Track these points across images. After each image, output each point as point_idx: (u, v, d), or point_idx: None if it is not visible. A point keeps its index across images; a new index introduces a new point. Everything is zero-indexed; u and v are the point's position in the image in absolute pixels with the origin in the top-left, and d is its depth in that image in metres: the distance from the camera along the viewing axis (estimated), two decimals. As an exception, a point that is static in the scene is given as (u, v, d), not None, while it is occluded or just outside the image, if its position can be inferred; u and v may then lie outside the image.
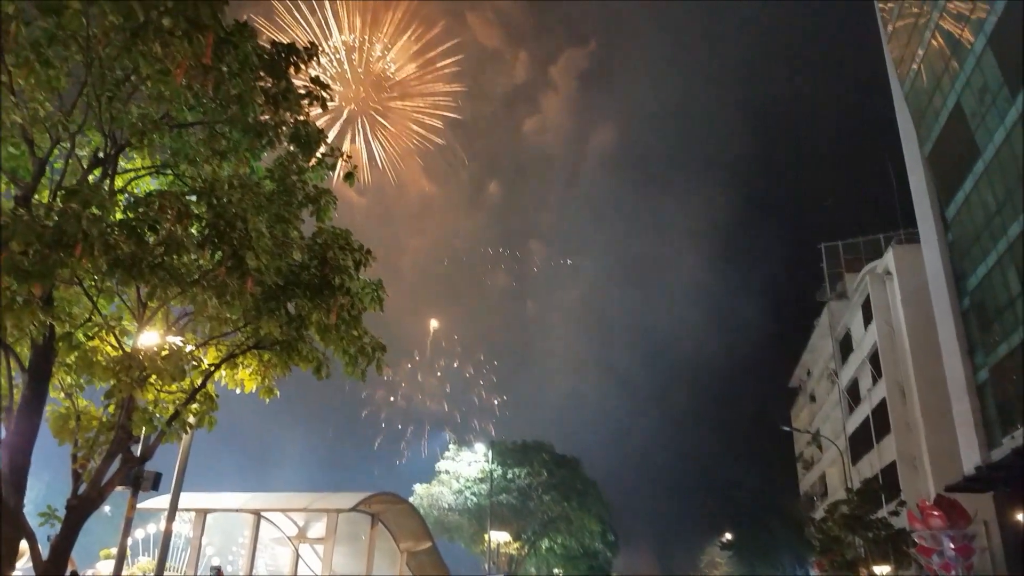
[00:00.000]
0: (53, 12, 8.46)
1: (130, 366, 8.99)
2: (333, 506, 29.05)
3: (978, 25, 30.38)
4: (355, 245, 10.55)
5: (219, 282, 8.94)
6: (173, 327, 10.89)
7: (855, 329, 53.25)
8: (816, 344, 66.32)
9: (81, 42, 9.00)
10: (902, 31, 39.64)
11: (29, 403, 9.16)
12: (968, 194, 33.13)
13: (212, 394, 10.90)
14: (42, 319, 8.66)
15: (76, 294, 10.01)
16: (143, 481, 14.62)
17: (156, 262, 8.51)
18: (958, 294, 35.78)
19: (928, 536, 31.17)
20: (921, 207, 39.59)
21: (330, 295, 10.04)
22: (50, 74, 9.03)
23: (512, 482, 55.15)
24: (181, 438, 11.16)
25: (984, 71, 30.53)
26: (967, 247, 34.26)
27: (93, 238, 7.80)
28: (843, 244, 61.87)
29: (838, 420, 58.60)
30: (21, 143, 9.63)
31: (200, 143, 10.59)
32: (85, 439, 10.10)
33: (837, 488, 54.64)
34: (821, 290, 63.31)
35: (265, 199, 10.02)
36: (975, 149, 31.85)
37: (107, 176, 10.15)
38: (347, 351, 10.52)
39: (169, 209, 8.60)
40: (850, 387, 55.12)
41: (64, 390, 10.45)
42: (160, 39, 8.77)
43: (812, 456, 69.57)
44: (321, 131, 11.22)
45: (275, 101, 10.49)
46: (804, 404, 74.21)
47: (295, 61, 10.77)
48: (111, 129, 9.93)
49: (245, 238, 8.93)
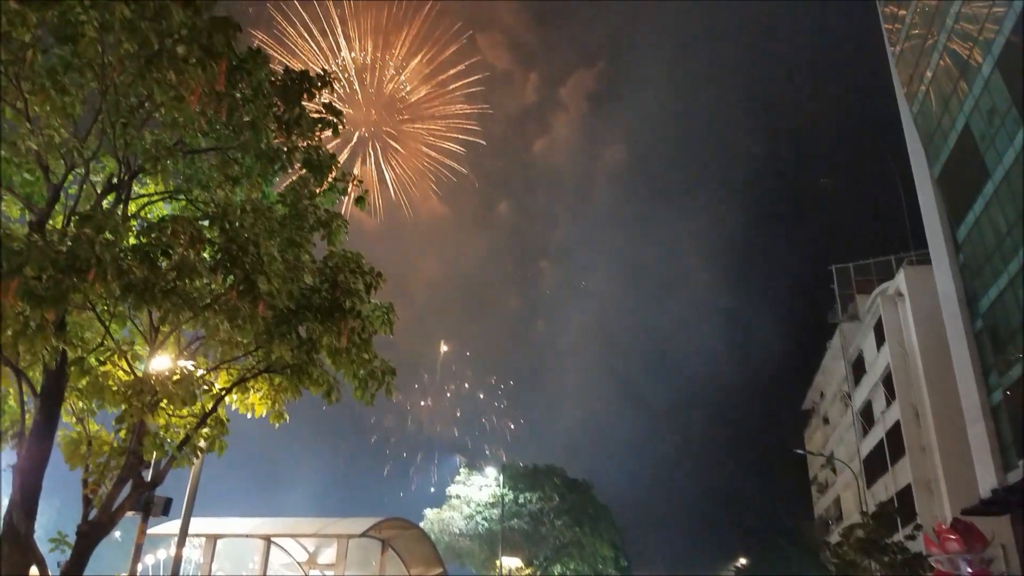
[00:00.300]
0: (69, 40, 8.60)
1: (141, 391, 9.00)
2: (343, 531, 28.87)
3: (986, 47, 30.44)
4: (366, 268, 10.58)
5: (231, 306, 8.98)
6: (185, 351, 10.93)
7: (868, 351, 52.89)
8: (829, 366, 65.85)
9: (96, 69, 9.14)
10: (909, 53, 39.75)
11: (41, 428, 9.18)
12: (978, 216, 33.01)
13: (223, 418, 10.90)
14: (55, 344, 8.70)
15: (89, 319, 10.07)
16: (153, 506, 14.59)
17: (168, 287, 8.55)
18: (971, 316, 35.53)
19: (945, 560, 30.74)
20: (932, 228, 39.45)
21: (341, 318, 10.06)
22: (66, 101, 9.17)
23: (523, 507, 54.76)
24: (192, 463, 11.14)
25: (992, 93, 30.54)
26: (979, 268, 34.07)
27: (106, 263, 7.85)
28: (854, 265, 61.60)
29: (852, 443, 58.02)
30: (36, 169, 9.74)
31: (213, 168, 10.69)
32: (96, 464, 10.10)
33: (852, 512, 53.99)
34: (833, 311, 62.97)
35: (277, 223, 10.08)
36: (985, 171, 31.78)
37: (121, 201, 10.25)
38: (357, 375, 10.52)
39: (182, 234, 8.66)
40: (864, 409, 54.63)
41: (76, 415, 10.47)
42: (174, 66, 8.88)
43: (826, 479, 68.81)
44: (333, 156, 11.31)
45: (288, 127, 10.60)
46: (817, 426, 73.55)
47: (308, 88, 10.89)
48: (125, 155, 10.05)
49: (257, 262, 8.98)
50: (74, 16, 8.39)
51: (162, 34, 8.85)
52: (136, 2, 8.70)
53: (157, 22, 8.78)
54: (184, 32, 8.96)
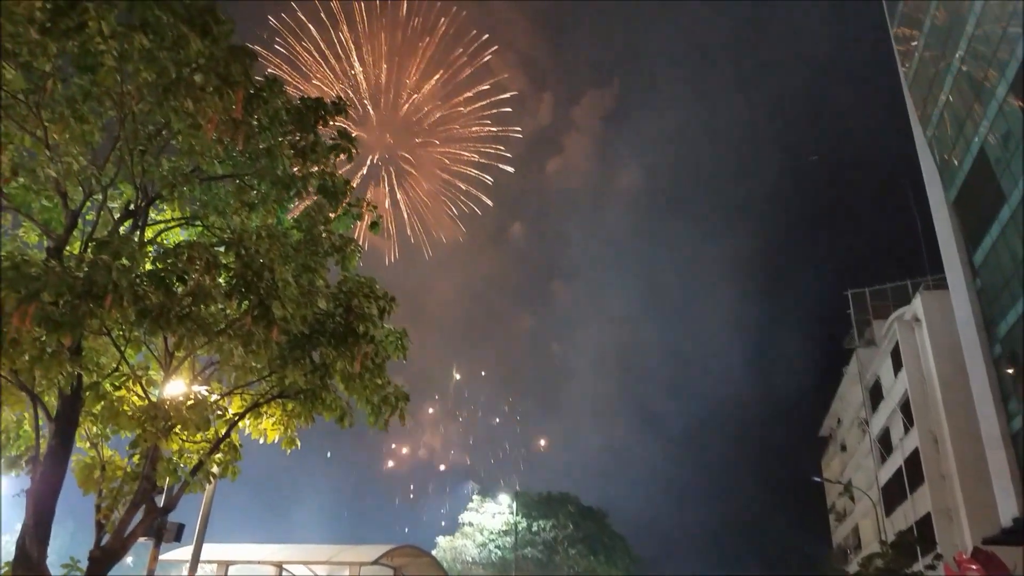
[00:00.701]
0: (89, 70, 8.76)
1: (156, 416, 9.03)
2: (355, 559, 28.67)
3: (1000, 70, 30.40)
4: (379, 293, 10.61)
5: (245, 331, 9.01)
6: (199, 376, 10.97)
7: (885, 377, 52.35)
8: (846, 392, 65.23)
9: (115, 98, 9.29)
10: (923, 76, 39.75)
11: (55, 452, 9.21)
12: (995, 240, 32.77)
13: (236, 444, 10.90)
14: (70, 369, 8.75)
15: (104, 344, 10.13)
16: (166, 532, 14.54)
17: (184, 312, 8.60)
18: (989, 341, 35.15)
19: (966, 591, 30.18)
20: (948, 253, 39.19)
21: (354, 343, 10.07)
22: (84, 129, 9.32)
23: (537, 535, 54.25)
24: (204, 488, 11.13)
25: (1007, 117, 30.43)
26: (996, 293, 33.76)
27: (123, 289, 7.92)
28: (870, 290, 61.17)
29: (870, 470, 57.26)
30: (54, 196, 9.87)
31: (229, 195, 10.80)
32: (109, 489, 10.12)
33: (871, 540, 53.17)
34: (849, 337, 62.47)
35: (292, 249, 10.15)
36: (1001, 195, 31.60)
37: (137, 227, 10.36)
38: (370, 400, 10.51)
39: (198, 260, 8.73)
40: (881, 436, 53.97)
41: (90, 440, 10.51)
42: (192, 95, 9.02)
43: (844, 507, 67.83)
44: (347, 181, 11.40)
45: (303, 154, 10.70)
46: (835, 453, 72.69)
47: (323, 115, 11.01)
48: (142, 182, 10.18)
49: (272, 288, 9.03)
50: (94, 46, 8.55)
51: (180, 63, 8.99)
52: (155, 32, 8.85)
53: (175, 51, 8.93)
54: (201, 61, 9.11)
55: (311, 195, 11.23)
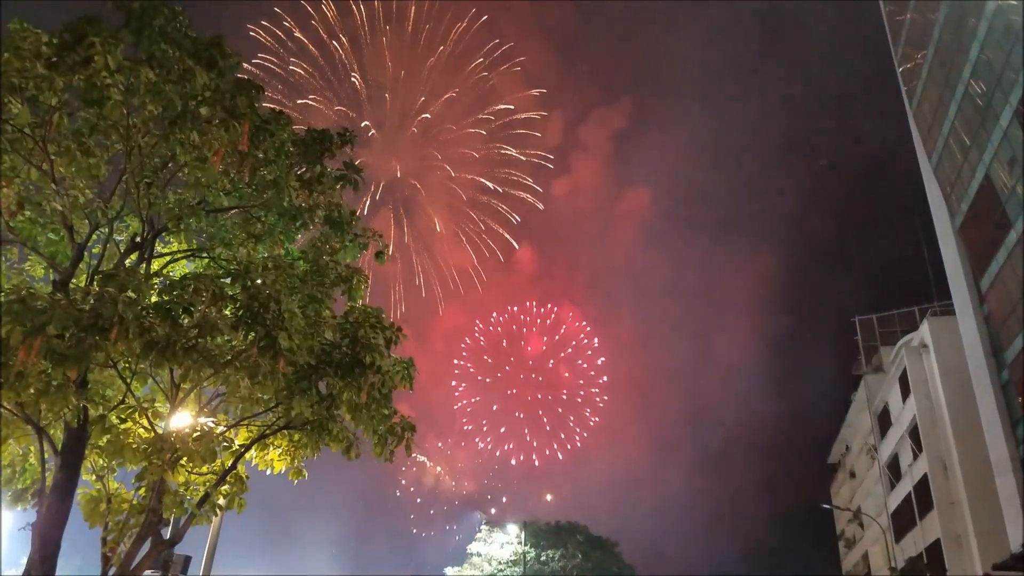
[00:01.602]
0: (95, 103, 8.81)
1: (162, 448, 8.99)
2: (362, 589, 28.42)
3: (1004, 96, 30.52)
4: (386, 323, 10.58)
5: (252, 362, 8.99)
6: (205, 408, 10.93)
7: (893, 403, 52.02)
8: (854, 419, 64.78)
9: (121, 131, 9.36)
10: (927, 103, 39.92)
11: (61, 486, 9.16)
12: (1002, 266, 32.69)
13: (242, 475, 10.83)
14: (76, 402, 8.73)
15: (110, 376, 10.11)
16: (172, 564, 14.44)
17: (190, 344, 8.59)
18: (997, 367, 34.96)
19: (978, 618, 29.73)
20: (955, 279, 39.11)
21: (361, 374, 10.02)
22: (91, 162, 9.37)
23: (546, 565, 53.68)
24: (211, 520, 11.05)
25: (1012, 143, 30.50)
26: (1004, 319, 33.62)
27: (128, 321, 7.92)
28: (877, 317, 61.01)
29: (879, 496, 56.71)
30: (60, 229, 9.91)
31: (236, 227, 10.84)
32: (115, 522, 10.06)
33: (880, 567, 52.56)
34: (857, 364, 62.18)
35: (298, 280, 10.16)
36: (1007, 221, 31.57)
37: (144, 260, 10.37)
38: (377, 431, 10.44)
39: (204, 291, 8.74)
40: (890, 463, 53.51)
41: (96, 472, 10.46)
42: (198, 128, 9.08)
43: (854, 535, 67.11)
44: (353, 212, 11.42)
45: (309, 185, 10.73)
46: (844, 480, 72.04)
47: (328, 147, 11.07)
48: (149, 214, 10.22)
49: (278, 319, 9.01)
50: (100, 80, 8.61)
51: (186, 96, 9.06)
52: (161, 66, 8.93)
53: (181, 85, 9.00)
54: (208, 94, 9.18)
55: (318, 226, 11.25)
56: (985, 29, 31.27)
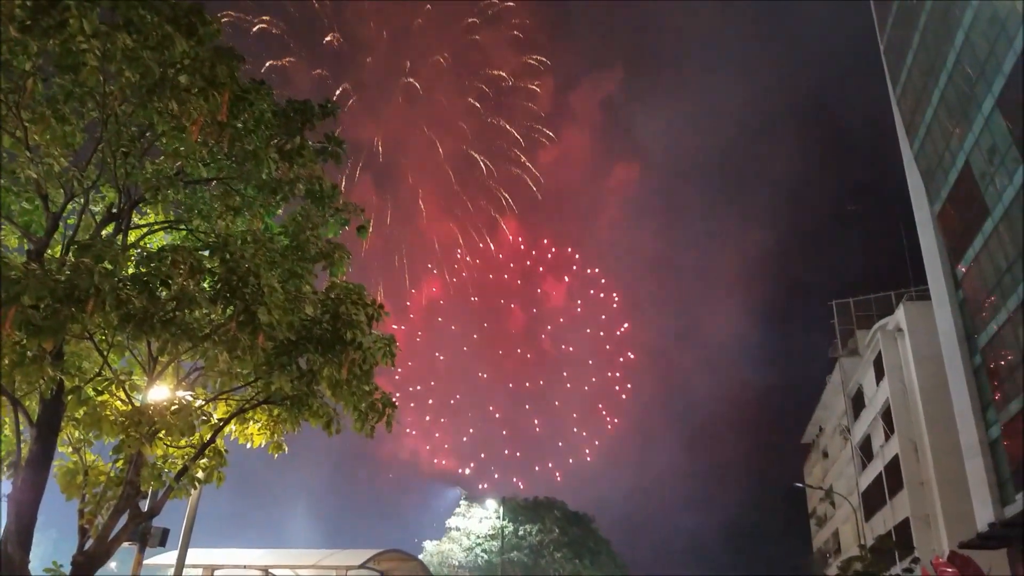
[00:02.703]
0: (71, 69, 8.56)
1: (139, 421, 8.90)
2: (342, 563, 28.49)
3: (986, 85, 30.69)
4: (367, 300, 10.50)
5: (230, 337, 8.89)
6: (183, 382, 10.82)
7: (867, 386, 52.74)
8: (828, 401, 65.64)
9: (97, 99, 9.14)
10: (911, 92, 40.08)
11: (37, 458, 9.06)
12: (978, 252, 33.09)
13: (221, 449, 10.77)
14: (52, 374, 8.60)
15: (87, 349, 9.98)
16: (150, 537, 14.38)
17: (168, 317, 8.48)
18: (970, 351, 35.52)
19: (942, 593, 30.41)
20: (932, 265, 39.56)
21: (342, 350, 9.95)
22: (66, 130, 9.16)
23: (524, 539, 54.22)
24: (189, 494, 10.99)
25: (993, 131, 30.73)
26: (978, 305, 34.10)
27: (105, 293, 7.79)
28: (854, 301, 61.61)
29: (851, 477, 57.66)
30: (35, 198, 9.72)
31: (214, 199, 10.67)
32: (92, 494, 9.97)
33: (851, 545, 53.55)
34: (833, 347, 62.90)
35: (278, 254, 10.03)
36: (985, 208, 31.91)
37: (120, 231, 10.20)
38: (357, 407, 10.39)
39: (182, 264, 8.61)
40: (863, 444, 54.38)
41: (72, 445, 10.34)
42: (176, 96, 8.89)
43: (825, 513, 68.28)
44: (335, 186, 11.28)
45: (290, 157, 10.57)
46: (817, 460, 73.17)
47: (310, 119, 10.91)
48: (125, 184, 10.02)
49: (257, 293, 8.90)
50: (76, 45, 8.36)
51: (164, 64, 8.86)
52: (138, 31, 8.70)
53: (159, 52, 8.77)
54: (186, 62, 8.98)
55: (298, 200, 11.10)
56: (971, 17, 31.39)
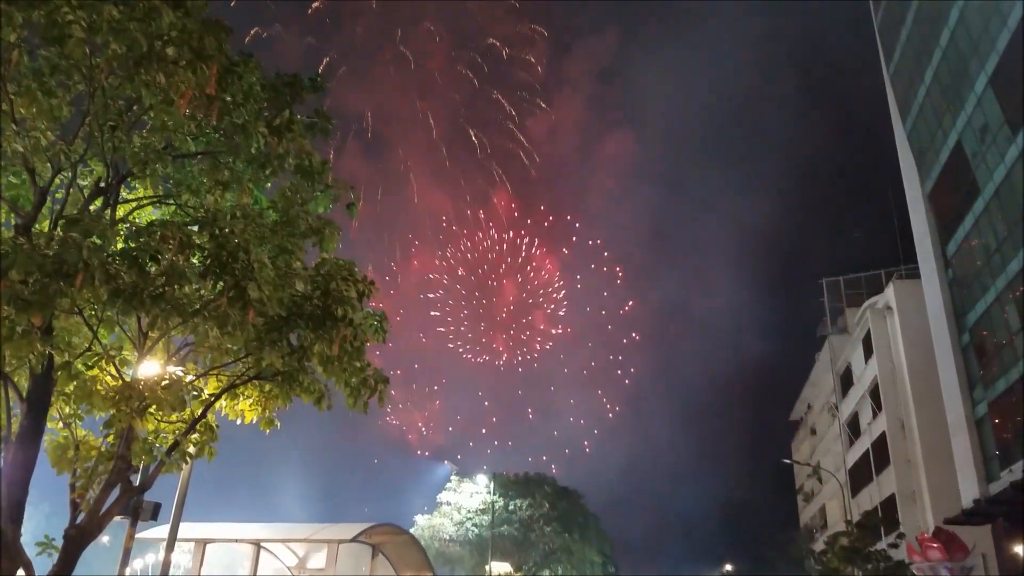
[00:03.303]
0: (56, 41, 8.45)
1: (130, 396, 8.89)
2: (334, 537, 28.73)
3: (980, 64, 30.64)
4: (359, 276, 10.47)
5: (221, 312, 8.86)
6: (173, 357, 10.80)
7: (856, 363, 53.14)
8: (817, 378, 66.14)
9: (84, 71, 9.02)
10: (904, 70, 39.98)
11: (27, 433, 9.04)
12: (968, 231, 33.24)
13: (212, 424, 10.78)
14: (41, 349, 8.57)
15: (76, 324, 9.94)
16: (142, 511, 14.45)
17: (157, 292, 8.44)
18: (958, 330, 35.78)
19: (927, 568, 31.02)
20: (922, 244, 39.72)
21: (333, 326, 9.92)
22: (52, 103, 9.04)
23: (514, 514, 54.71)
24: (181, 468, 11.02)
25: (985, 110, 30.74)
26: (967, 283, 34.31)
27: (94, 268, 7.74)
28: (844, 279, 61.90)
29: (838, 453, 58.27)
30: (22, 172, 9.62)
31: (203, 173, 10.58)
32: (84, 469, 9.96)
33: (837, 520, 54.21)
34: (822, 324, 63.27)
35: (268, 230, 9.98)
36: (975, 187, 32.00)
37: (108, 206, 10.12)
38: (349, 383, 10.40)
39: (171, 239, 8.55)
40: (850, 421, 54.90)
41: (63, 420, 10.33)
42: (164, 69, 8.78)
43: (812, 489, 69.07)
44: (325, 161, 11.20)
45: (279, 132, 10.49)
46: (805, 437, 73.88)
47: (299, 92, 10.81)
48: (113, 159, 9.92)
49: (247, 269, 8.86)
50: (61, 17, 8.24)
51: (151, 36, 8.73)
52: (125, 3, 8.58)
53: (146, 23, 8.65)
54: (174, 34, 8.85)
55: (288, 175, 11.02)
56: (965, -7, 31.27)
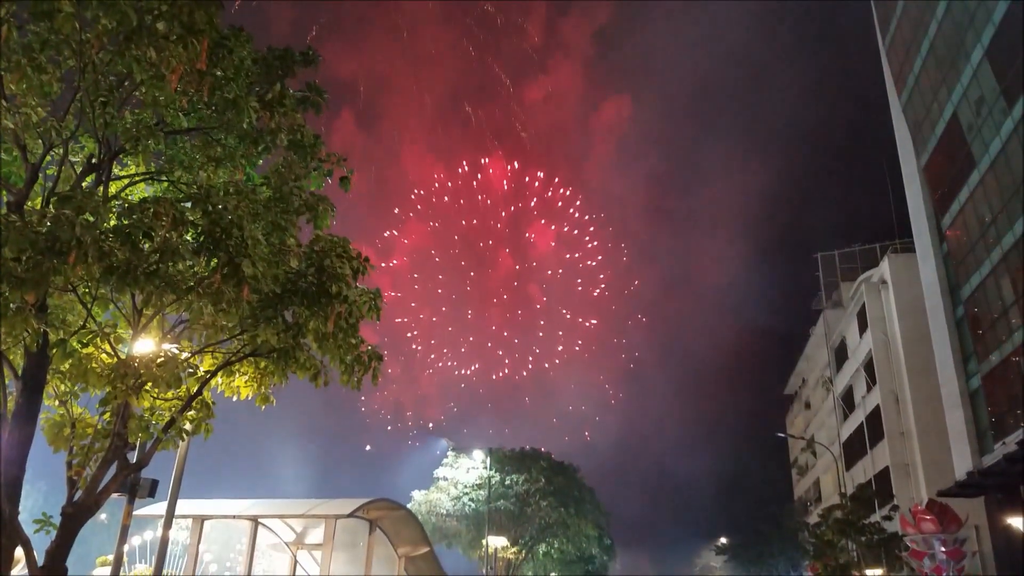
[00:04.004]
0: (45, 16, 8.36)
1: (125, 373, 8.90)
2: (331, 512, 28.94)
3: (976, 36, 30.48)
4: (353, 253, 10.46)
5: (215, 290, 8.85)
6: (168, 335, 10.80)
7: (850, 337, 53.34)
8: (812, 352, 66.42)
9: (74, 47, 8.92)
10: (900, 43, 39.75)
11: (23, 411, 9.05)
12: (963, 205, 33.22)
13: (208, 402, 10.81)
14: (36, 326, 8.56)
15: (70, 301, 9.92)
16: (139, 488, 14.50)
17: (151, 269, 8.42)
18: (952, 303, 35.90)
19: (920, 540, 31.30)
20: (917, 218, 39.72)
21: (327, 303, 9.92)
22: (43, 79, 8.95)
23: (510, 488, 55.01)
24: (177, 446, 11.06)
25: (981, 82, 30.62)
26: (962, 257, 34.35)
27: (87, 245, 7.71)
28: (839, 253, 61.96)
29: (833, 427, 58.66)
30: (14, 149, 9.55)
31: (195, 149, 10.52)
32: (80, 447, 9.99)
33: (831, 494, 54.71)
34: (817, 299, 63.42)
35: (261, 206, 9.94)
36: (971, 160, 31.94)
37: (101, 182, 10.06)
38: (344, 360, 10.43)
39: (164, 216, 8.51)
40: (845, 395, 55.21)
41: (58, 398, 10.35)
42: (154, 44, 8.69)
43: (806, 462, 69.64)
44: (317, 136, 11.13)
45: (270, 106, 10.41)
46: (799, 411, 74.32)
47: (290, 66, 10.73)
48: (105, 135, 9.85)
49: (241, 245, 8.84)
50: (51, -10, 8.17)
51: (141, 11, 8.64)
52: None
53: (136, -2, 8.57)
54: (164, 8, 8.76)
55: (280, 151, 10.95)
56: (962, -35, 31.02)
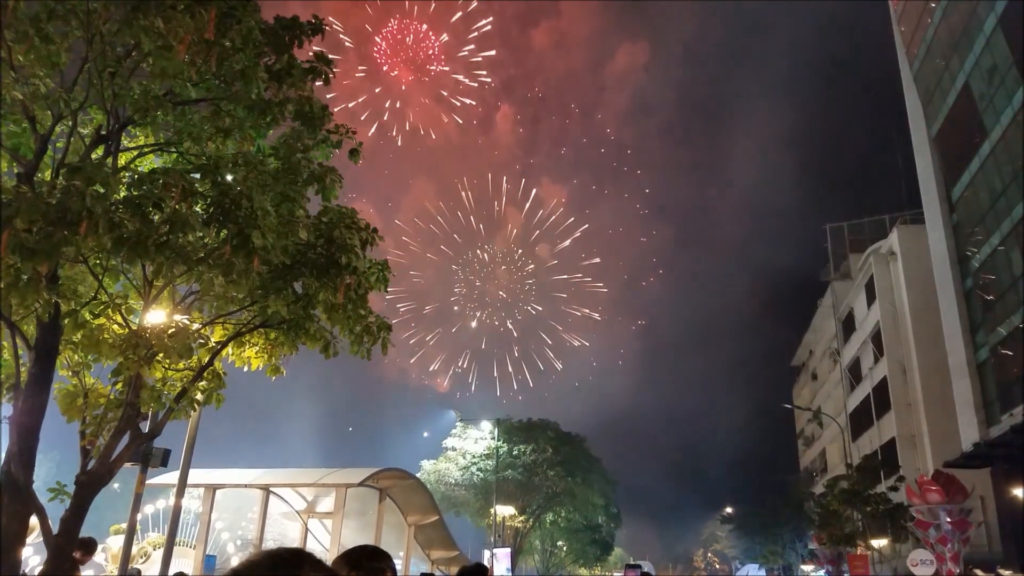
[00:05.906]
0: (52, -14, 8.34)
1: (137, 344, 8.97)
2: (342, 481, 29.29)
3: (989, 5, 30.03)
4: (361, 224, 10.48)
5: (225, 260, 8.89)
6: (179, 305, 10.87)
7: (858, 309, 53.29)
8: (819, 324, 66.42)
9: (81, 17, 8.89)
10: (912, 11, 39.21)
11: (36, 381, 9.15)
12: (974, 175, 32.97)
13: (219, 372, 10.90)
14: (47, 297, 8.62)
15: (82, 272, 9.98)
16: (152, 458, 14.66)
17: (161, 240, 8.45)
18: (961, 275, 35.76)
19: (925, 510, 31.46)
20: (927, 188, 39.43)
21: (336, 274, 9.98)
22: (50, 50, 8.93)
23: (518, 458, 55.50)
24: (189, 415, 11.18)
25: (994, 51, 30.23)
26: (971, 228, 34.17)
27: (98, 215, 7.74)
28: (848, 224, 61.66)
29: (839, 398, 58.83)
30: (23, 120, 9.55)
31: (204, 120, 10.50)
32: (93, 416, 10.10)
33: (837, 464, 55.00)
34: (825, 270, 63.23)
35: (270, 177, 9.95)
36: (982, 130, 31.64)
37: (110, 154, 10.07)
38: (352, 330, 10.50)
39: (173, 187, 8.53)
40: (852, 366, 55.28)
41: (71, 368, 10.44)
42: (162, 14, 8.66)
43: (813, 433, 69.95)
44: (325, 107, 11.10)
45: (278, 77, 10.38)
46: (806, 382, 74.51)
47: (298, 36, 10.67)
48: (113, 106, 9.83)
49: (251, 216, 8.85)
50: (58, -39, 8.14)
51: (148, -20, 8.61)
52: None
53: (143, -33, 8.53)
54: (171, -23, 8.72)
55: (288, 121, 10.93)
56: (976, -70, 30.49)
